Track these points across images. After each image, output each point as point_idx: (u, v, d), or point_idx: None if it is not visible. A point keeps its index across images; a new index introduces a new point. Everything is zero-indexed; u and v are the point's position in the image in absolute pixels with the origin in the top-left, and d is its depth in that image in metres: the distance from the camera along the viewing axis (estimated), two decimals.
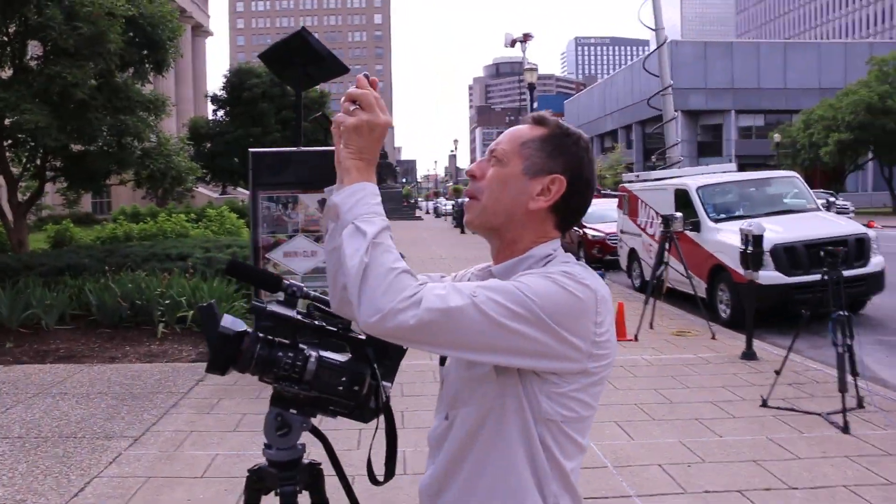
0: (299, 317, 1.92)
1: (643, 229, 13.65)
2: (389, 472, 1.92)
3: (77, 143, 13.06)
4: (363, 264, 1.36)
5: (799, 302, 9.82)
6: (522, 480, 1.50)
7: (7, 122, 12.20)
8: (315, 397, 1.88)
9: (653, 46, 17.65)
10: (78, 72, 11.47)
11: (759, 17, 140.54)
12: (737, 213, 11.53)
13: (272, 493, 2.00)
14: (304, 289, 1.99)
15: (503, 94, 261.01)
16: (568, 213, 1.60)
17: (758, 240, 8.12)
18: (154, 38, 13.43)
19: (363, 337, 1.89)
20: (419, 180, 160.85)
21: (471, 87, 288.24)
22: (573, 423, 1.50)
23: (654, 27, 17.58)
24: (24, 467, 5.06)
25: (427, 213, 72.95)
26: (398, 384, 6.61)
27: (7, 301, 9.46)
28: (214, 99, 38.72)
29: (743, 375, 7.50)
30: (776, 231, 9.79)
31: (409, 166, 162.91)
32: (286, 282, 2.00)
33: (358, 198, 1.45)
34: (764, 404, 6.26)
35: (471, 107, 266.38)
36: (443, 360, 1.68)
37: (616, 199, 21.54)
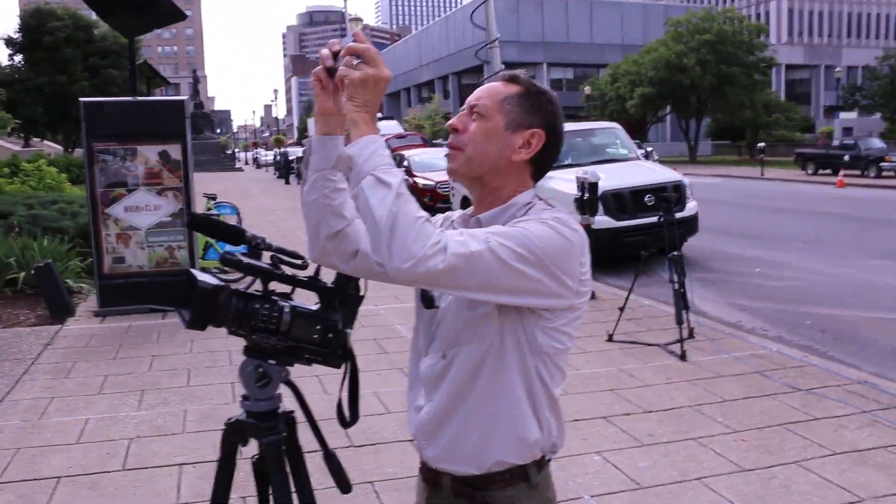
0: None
1: None
2: (354, 415, 2.03)
3: None
4: (392, 214, 1.44)
5: (626, 244, 10.62)
6: (522, 408, 1.67)
7: None
8: (291, 346, 1.95)
9: None
10: None
11: None
12: (565, 163, 12.12)
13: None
14: (267, 240, 2.04)
15: (318, 42, 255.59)
16: (543, 164, 1.75)
17: (593, 187, 8.65)
18: None
19: (332, 285, 1.97)
20: (234, 130, 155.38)
21: (284, 36, 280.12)
22: (561, 353, 1.69)
23: None
24: None
25: (246, 163, 70.86)
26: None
27: None
28: (10, 42, 35.35)
29: (588, 314, 8.06)
30: (604, 179, 10.45)
31: (224, 116, 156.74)
32: (249, 234, 2.04)
33: (372, 149, 1.52)
34: (610, 339, 6.81)
35: (285, 56, 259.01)
36: (428, 303, 1.79)
37: (445, 149, 22.00)
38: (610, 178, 10.85)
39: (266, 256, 2.04)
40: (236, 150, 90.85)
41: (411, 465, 4.13)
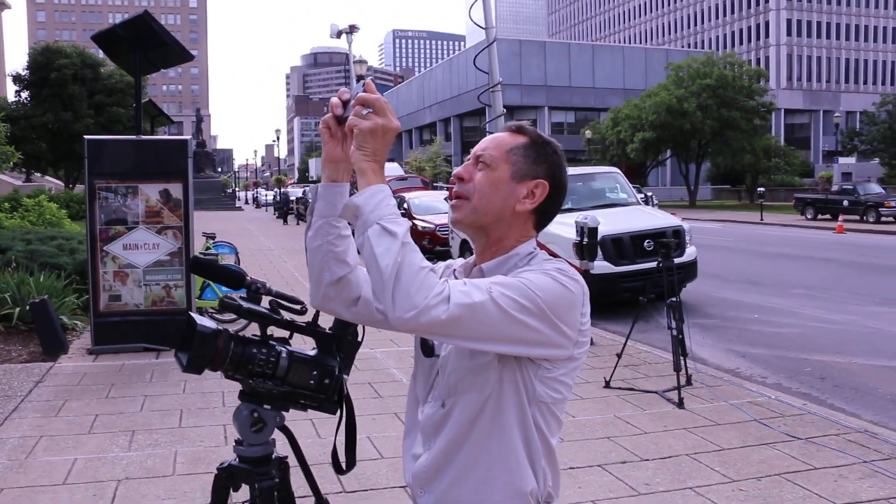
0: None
1: None
2: (351, 461, 2.01)
3: None
4: (397, 263, 1.45)
5: (625, 290, 10.59)
6: (518, 458, 1.65)
7: None
8: (287, 391, 1.93)
9: (472, 43, 18.23)
10: None
11: (569, 19, 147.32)
12: (566, 207, 12.15)
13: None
14: (267, 285, 2.03)
15: (321, 83, 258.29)
16: (546, 214, 1.76)
17: (593, 232, 8.65)
18: None
19: (330, 332, 1.96)
20: (236, 169, 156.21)
21: (288, 77, 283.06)
22: (559, 403, 1.69)
23: (484, 25, 18.13)
24: None
25: (247, 203, 71.17)
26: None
27: None
28: (17, 79, 35.73)
29: (585, 359, 7.99)
30: (604, 223, 10.46)
31: (226, 155, 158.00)
32: (249, 278, 2.04)
33: (379, 199, 1.52)
34: (607, 385, 6.74)
35: (288, 96, 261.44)
36: (428, 351, 1.77)
37: (446, 192, 22.06)
38: (609, 222, 10.86)
39: (265, 301, 2.02)
40: (237, 189, 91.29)
41: None
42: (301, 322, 1.94)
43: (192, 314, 1.95)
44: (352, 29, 31.14)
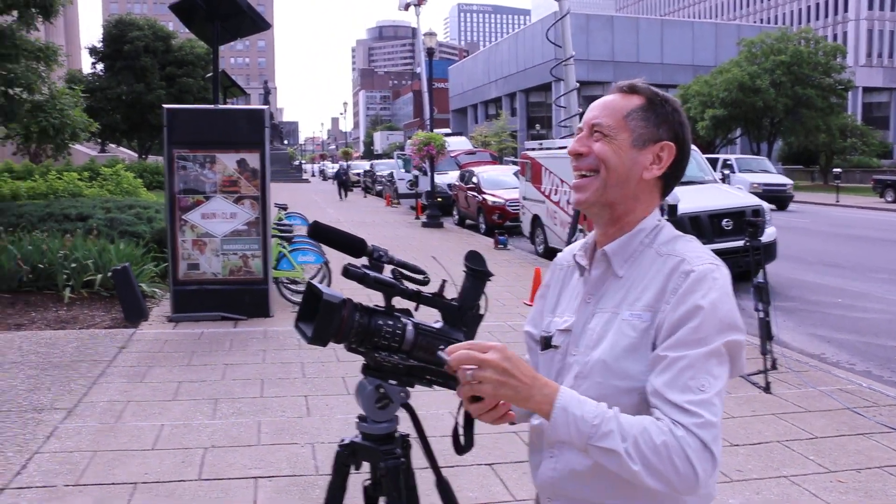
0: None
1: (547, 196, 13.92)
2: (469, 441, 1.92)
3: None
4: (644, 471, 1.37)
5: None
6: None
7: None
8: (413, 366, 1.84)
9: (537, 17, 17.98)
10: None
11: None
12: None
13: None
14: (389, 253, 1.93)
15: (386, 57, 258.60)
16: (673, 178, 1.63)
17: (673, 209, 8.44)
18: None
19: (455, 303, 1.86)
20: (302, 142, 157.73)
21: (354, 50, 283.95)
22: None
23: None
24: None
25: (313, 175, 71.86)
26: None
27: None
28: (93, 51, 36.56)
29: None
30: (681, 201, 10.19)
31: (292, 128, 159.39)
32: (371, 246, 1.94)
33: (571, 425, 1.41)
34: None
35: (354, 70, 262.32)
36: (546, 343, 1.68)
37: (512, 166, 21.90)
38: (687, 200, 10.58)
39: (387, 270, 1.94)
40: (303, 161, 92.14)
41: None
42: (427, 293, 1.84)
43: (315, 283, 1.87)
44: (420, 1, 30.95)
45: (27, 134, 13.43)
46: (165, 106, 8.53)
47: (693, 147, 9.81)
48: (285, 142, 76.08)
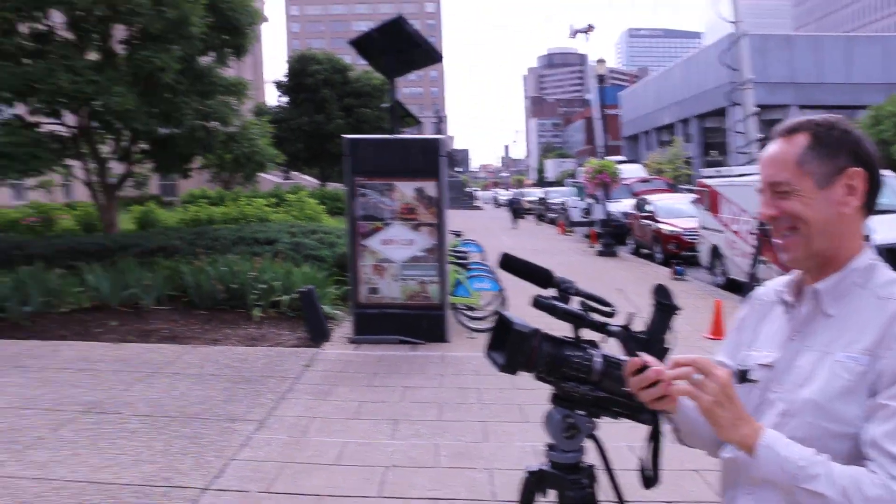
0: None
1: (726, 226, 13.41)
2: (655, 476, 1.89)
3: (164, 127, 13.27)
4: None
5: None
6: None
7: (98, 105, 12.41)
8: (601, 398, 1.85)
9: (710, 40, 17.50)
10: (164, 56, 11.65)
11: (819, 10, 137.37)
12: None
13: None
14: (575, 284, 1.96)
15: (556, 84, 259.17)
16: (871, 202, 1.55)
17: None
18: (234, 22, 13.58)
19: (643, 336, 1.85)
20: (473, 169, 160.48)
21: (525, 78, 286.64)
22: None
23: (732, 19, 17.34)
24: (160, 445, 5.16)
25: (486, 202, 72.89)
26: None
27: (108, 280, 9.65)
28: (279, 85, 39.06)
29: None
30: (877, 231, 9.55)
31: (463, 155, 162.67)
32: (557, 277, 1.98)
33: (777, 464, 1.40)
34: None
35: (526, 98, 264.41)
36: (742, 377, 1.62)
37: (688, 194, 21.28)
38: (882, 230, 9.90)
39: (574, 301, 1.96)
40: (475, 188, 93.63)
41: None
42: (615, 326, 1.85)
43: (505, 313, 1.92)
44: (589, 28, 30.88)
45: (221, 163, 14.48)
46: (345, 136, 8.93)
47: (889, 172, 9.13)
48: (457, 169, 77.64)
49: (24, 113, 12.55)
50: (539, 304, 1.91)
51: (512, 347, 1.81)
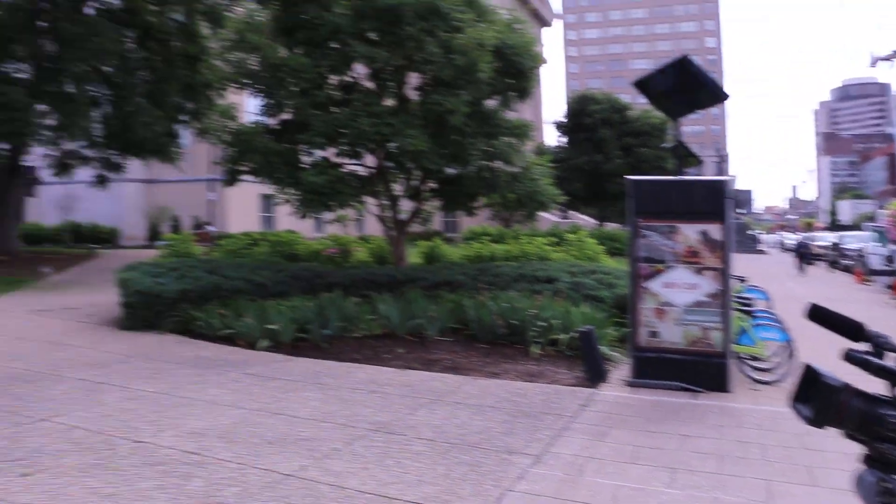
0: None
1: None
2: None
3: (452, 167, 14.09)
4: None
5: None
6: None
7: (393, 147, 13.48)
8: None
9: None
10: (454, 100, 12.41)
11: None
12: None
13: None
14: (891, 340, 1.84)
15: (852, 118, 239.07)
16: None
17: None
18: (519, 66, 14.10)
19: None
20: (757, 211, 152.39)
21: (816, 113, 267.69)
22: None
23: None
24: (442, 469, 5.43)
25: (771, 247, 68.73)
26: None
27: (397, 310, 10.37)
28: (559, 125, 39.93)
29: None
30: None
31: (745, 196, 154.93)
32: (869, 331, 1.88)
33: None
34: None
35: (817, 134, 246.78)
36: None
37: None
38: None
39: (889, 356, 1.85)
40: (758, 231, 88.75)
41: None
42: None
43: (814, 366, 1.85)
44: (893, 56, 28.21)
45: (505, 202, 15.05)
46: (628, 177, 8.90)
47: None
48: (740, 211, 74.11)
49: (330, 155, 13.97)
50: (851, 358, 1.83)
51: (820, 401, 1.74)
